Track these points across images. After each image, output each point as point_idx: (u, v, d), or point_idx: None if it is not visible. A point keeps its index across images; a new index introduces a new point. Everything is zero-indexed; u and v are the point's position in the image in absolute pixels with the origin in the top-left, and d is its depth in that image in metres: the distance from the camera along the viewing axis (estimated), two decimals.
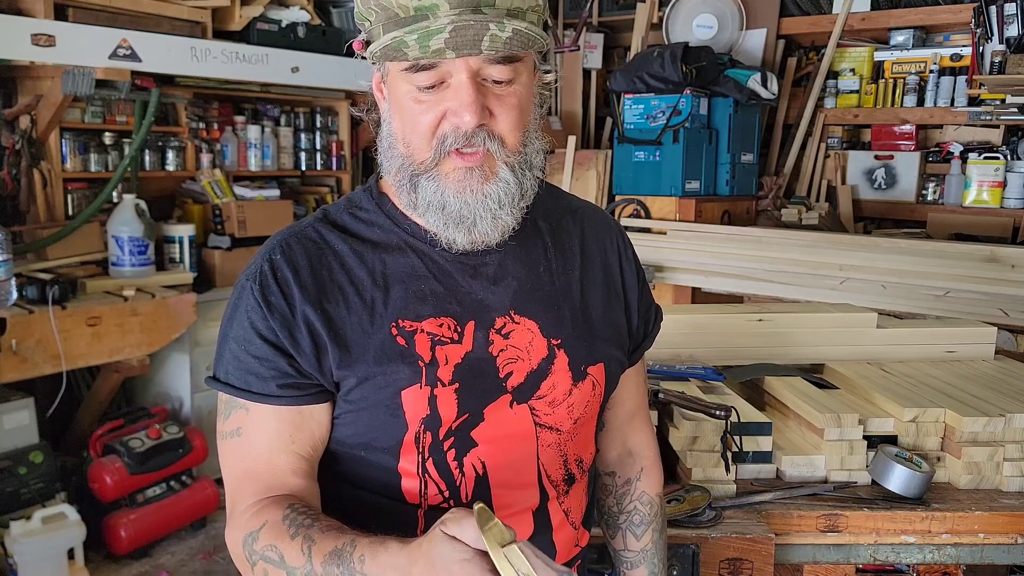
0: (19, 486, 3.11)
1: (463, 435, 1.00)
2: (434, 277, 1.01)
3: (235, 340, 0.99)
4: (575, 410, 1.05)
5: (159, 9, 3.50)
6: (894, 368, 1.95)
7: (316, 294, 0.98)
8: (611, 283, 1.13)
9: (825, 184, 4.74)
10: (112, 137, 3.81)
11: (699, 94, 4.20)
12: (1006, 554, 1.51)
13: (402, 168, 0.97)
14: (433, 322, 0.99)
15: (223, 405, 1.01)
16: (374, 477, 1.01)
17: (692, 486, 1.49)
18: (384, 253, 1.02)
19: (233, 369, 0.99)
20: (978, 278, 3.12)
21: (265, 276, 0.99)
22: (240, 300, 1.00)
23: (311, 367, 0.98)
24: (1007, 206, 4.18)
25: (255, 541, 0.94)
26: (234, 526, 0.99)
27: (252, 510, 0.97)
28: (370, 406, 0.98)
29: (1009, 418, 1.59)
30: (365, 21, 0.93)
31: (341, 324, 0.98)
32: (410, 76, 0.91)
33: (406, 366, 0.97)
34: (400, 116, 0.96)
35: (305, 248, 1.01)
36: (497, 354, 1.01)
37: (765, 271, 3.57)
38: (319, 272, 1.00)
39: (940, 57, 4.41)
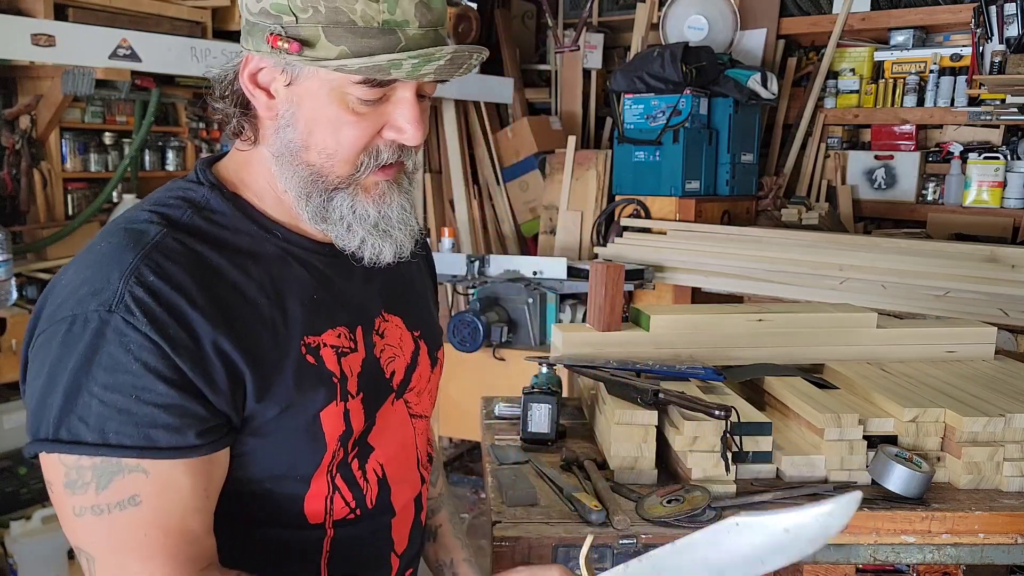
0: (19, 486, 3.11)
1: (364, 442, 0.98)
2: (319, 285, 0.95)
3: (110, 389, 0.79)
4: (432, 393, 1.10)
5: (159, 9, 3.50)
6: (894, 368, 1.95)
7: (219, 317, 0.84)
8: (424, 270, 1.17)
9: (825, 184, 4.74)
10: (112, 137, 3.81)
11: (699, 94, 4.21)
12: (1006, 554, 1.51)
13: (313, 180, 0.89)
14: (331, 334, 0.94)
15: (88, 473, 0.80)
16: (277, 507, 0.93)
17: (692, 486, 1.49)
18: (266, 264, 0.91)
19: (119, 425, 0.79)
20: (978, 278, 3.12)
21: (145, 305, 0.80)
22: (103, 340, 0.79)
23: (226, 404, 0.85)
24: (1007, 206, 4.18)
25: None
26: None
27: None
28: (289, 434, 0.90)
29: (1009, 418, 1.59)
30: (291, 15, 0.82)
31: (254, 349, 0.86)
32: (357, 88, 0.85)
33: (323, 386, 0.91)
34: (321, 126, 0.87)
35: (179, 264, 0.84)
36: (379, 355, 0.99)
37: (765, 271, 3.57)
38: (211, 291, 0.85)
39: (940, 57, 4.41)
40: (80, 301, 0.81)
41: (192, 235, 0.88)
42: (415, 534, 1.09)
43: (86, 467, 0.80)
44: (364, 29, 0.81)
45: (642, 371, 1.78)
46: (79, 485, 0.80)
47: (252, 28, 0.86)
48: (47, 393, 0.81)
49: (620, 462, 1.59)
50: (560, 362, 1.85)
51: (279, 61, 0.86)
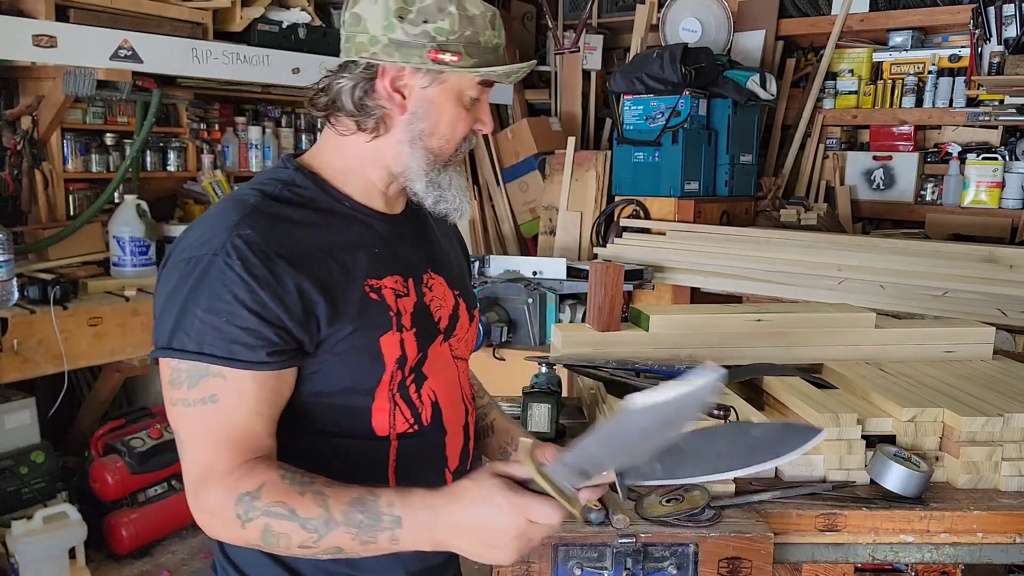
0: (20, 486, 3.12)
1: (419, 371, 1.19)
2: (379, 242, 1.19)
3: (210, 313, 1.03)
4: (470, 343, 1.34)
5: (160, 10, 3.50)
6: (893, 368, 1.96)
7: (299, 261, 1.07)
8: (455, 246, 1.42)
9: (824, 185, 4.75)
10: (113, 138, 3.82)
11: (698, 95, 4.21)
12: (1004, 553, 1.52)
13: (431, 160, 1.18)
14: (389, 279, 1.17)
15: (181, 374, 1.04)
16: (347, 420, 1.15)
17: (691, 485, 1.50)
18: (338, 222, 1.16)
19: (213, 339, 1.02)
20: (976, 278, 3.13)
21: (241, 251, 1.04)
22: (207, 274, 1.04)
23: (299, 330, 1.07)
24: (1005, 206, 4.19)
25: (255, 499, 1.00)
26: (216, 487, 1.02)
27: (239, 472, 1.02)
28: (355, 354, 1.12)
29: (1007, 418, 1.59)
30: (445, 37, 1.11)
31: (328, 285, 1.09)
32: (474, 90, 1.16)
33: (382, 316, 1.14)
34: (445, 119, 1.16)
35: (271, 222, 1.09)
36: (429, 302, 1.22)
37: (764, 271, 3.58)
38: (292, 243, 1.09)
39: (938, 58, 4.42)
40: (196, 247, 1.06)
41: (281, 202, 1.13)
42: (465, 457, 1.28)
43: (183, 370, 1.04)
44: (485, 48, 1.14)
45: (642, 371, 1.78)
46: (177, 383, 1.05)
47: (402, 45, 1.11)
48: (165, 312, 1.06)
49: None
50: (560, 362, 1.85)
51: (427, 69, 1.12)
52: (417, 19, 1.10)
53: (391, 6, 1.10)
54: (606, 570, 1.39)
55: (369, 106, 1.15)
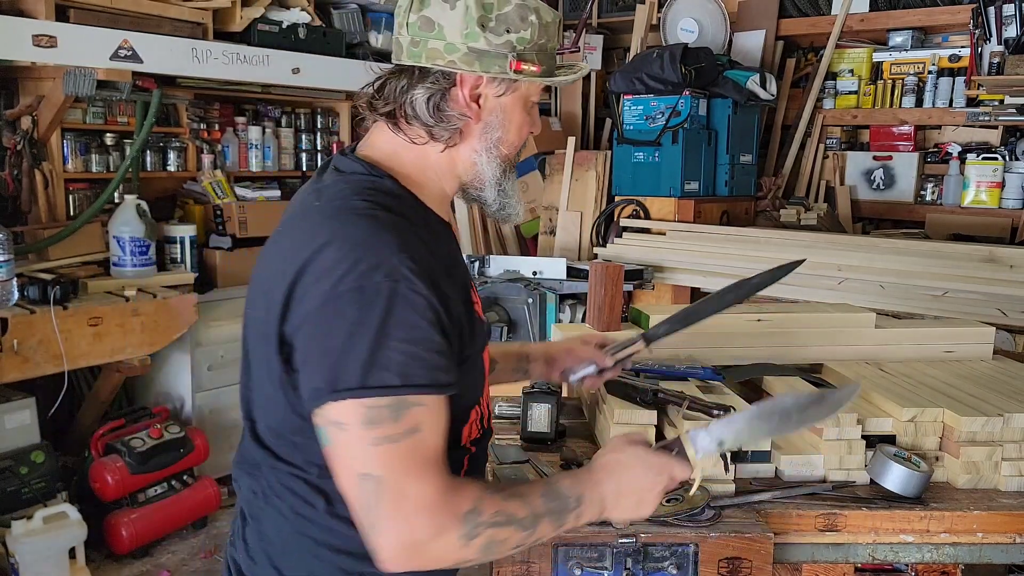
0: (20, 485, 3.12)
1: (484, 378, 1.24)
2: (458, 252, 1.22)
3: (408, 343, 0.99)
4: None
5: (160, 10, 3.50)
6: (893, 368, 1.96)
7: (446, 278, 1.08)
8: None
9: (824, 185, 4.75)
10: (113, 138, 3.82)
11: (698, 95, 4.21)
12: (1004, 553, 1.52)
13: (503, 167, 1.19)
14: (472, 293, 1.20)
15: (387, 411, 0.99)
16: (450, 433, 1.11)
17: (691, 485, 1.50)
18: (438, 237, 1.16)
19: (416, 369, 0.99)
20: (976, 278, 3.13)
21: (417, 272, 1.01)
22: (394, 303, 0.99)
23: (458, 343, 1.09)
24: (1005, 206, 4.19)
25: (478, 515, 1.02)
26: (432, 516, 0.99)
27: (449, 494, 1.01)
28: (473, 370, 1.16)
29: (1007, 418, 1.59)
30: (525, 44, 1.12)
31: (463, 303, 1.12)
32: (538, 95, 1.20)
33: (483, 332, 1.19)
34: (515, 125, 1.18)
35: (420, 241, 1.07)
36: (478, 311, 1.23)
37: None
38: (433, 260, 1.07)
39: (939, 58, 4.42)
40: (363, 275, 0.99)
41: (399, 216, 1.08)
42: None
43: (383, 406, 0.98)
44: (551, 55, 1.17)
45: (642, 371, 1.78)
46: (377, 421, 0.98)
47: (483, 54, 1.10)
48: (348, 350, 0.98)
49: None
50: None
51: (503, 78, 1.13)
52: (499, 28, 1.09)
53: (473, 14, 1.08)
54: (606, 570, 1.39)
55: (447, 116, 1.13)
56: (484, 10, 1.09)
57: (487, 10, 1.09)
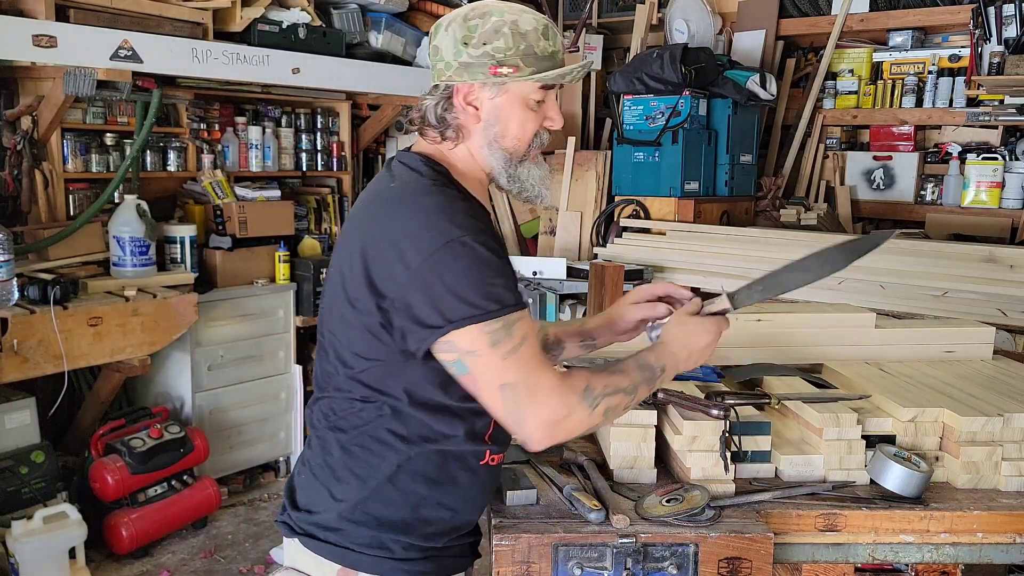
0: (20, 485, 3.11)
1: None
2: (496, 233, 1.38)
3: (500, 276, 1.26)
4: None
5: (160, 10, 3.50)
6: (893, 368, 1.96)
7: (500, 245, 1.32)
8: None
9: (824, 185, 4.76)
10: (113, 138, 3.82)
11: (698, 95, 4.22)
12: (1004, 553, 1.52)
13: (508, 158, 1.38)
14: None
15: (502, 330, 1.23)
16: None
17: (691, 485, 1.50)
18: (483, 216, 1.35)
19: (508, 294, 1.25)
20: (976, 278, 3.13)
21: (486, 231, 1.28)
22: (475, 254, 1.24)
23: None
24: (1005, 206, 4.19)
25: (592, 391, 1.29)
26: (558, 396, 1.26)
27: (563, 379, 1.27)
28: None
29: (1007, 418, 1.60)
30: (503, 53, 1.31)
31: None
32: (537, 93, 1.36)
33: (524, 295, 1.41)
34: (515, 122, 1.36)
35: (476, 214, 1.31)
36: None
37: (764, 271, 3.57)
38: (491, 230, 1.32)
39: (939, 58, 4.42)
40: (451, 233, 1.24)
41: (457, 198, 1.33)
42: None
43: (499, 327, 1.24)
44: (542, 56, 1.33)
45: None
46: (499, 339, 1.24)
47: (468, 67, 1.32)
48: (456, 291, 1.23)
49: (619, 462, 1.60)
50: (560, 362, 1.85)
51: (491, 83, 1.33)
52: (478, 43, 1.31)
53: (458, 35, 1.32)
54: (606, 570, 1.39)
55: (447, 119, 1.36)
56: (468, 31, 1.32)
57: (470, 30, 1.32)
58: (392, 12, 4.52)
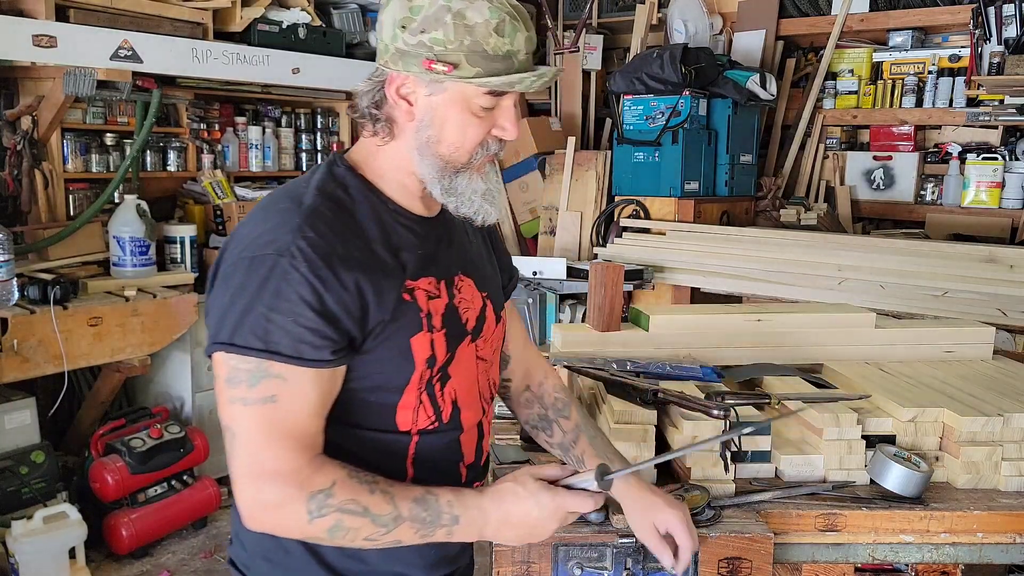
0: (20, 485, 3.11)
1: (444, 371, 1.23)
2: (419, 244, 1.22)
3: (274, 311, 1.06)
4: (495, 342, 1.36)
5: (160, 10, 3.50)
6: (893, 368, 1.96)
7: (356, 263, 1.12)
8: (488, 247, 1.43)
9: (824, 185, 4.75)
10: (113, 138, 3.82)
11: (698, 95, 4.21)
12: (1004, 553, 1.52)
13: (443, 166, 1.17)
14: (424, 281, 1.20)
15: (244, 373, 1.07)
16: (373, 414, 1.19)
17: (691, 485, 1.50)
18: (384, 225, 1.19)
19: (279, 338, 1.06)
20: (976, 278, 3.13)
21: (305, 253, 1.08)
22: (272, 275, 1.07)
23: (355, 327, 1.11)
24: (1005, 206, 4.19)
25: (329, 496, 1.07)
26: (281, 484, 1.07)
27: (308, 470, 1.08)
28: (388, 353, 1.16)
29: (1007, 418, 1.60)
30: (443, 46, 1.09)
31: (377, 286, 1.13)
32: (483, 99, 1.13)
33: (413, 317, 1.17)
34: (452, 126, 1.15)
35: (329, 225, 1.13)
36: (458, 304, 1.25)
37: (764, 271, 3.58)
38: (348, 244, 1.13)
39: (939, 58, 4.42)
40: (259, 247, 1.09)
41: (335, 203, 1.16)
42: (479, 452, 1.33)
43: (244, 369, 1.07)
44: (493, 56, 1.10)
45: (642, 371, 1.78)
46: (235, 381, 1.07)
47: (404, 55, 1.12)
48: (228, 309, 1.08)
49: None
50: (560, 362, 1.85)
51: (426, 78, 1.12)
52: (416, 29, 1.10)
53: (397, 16, 1.12)
54: (606, 570, 1.39)
55: (377, 112, 1.18)
56: (410, 12, 1.11)
57: (413, 12, 1.10)
58: None
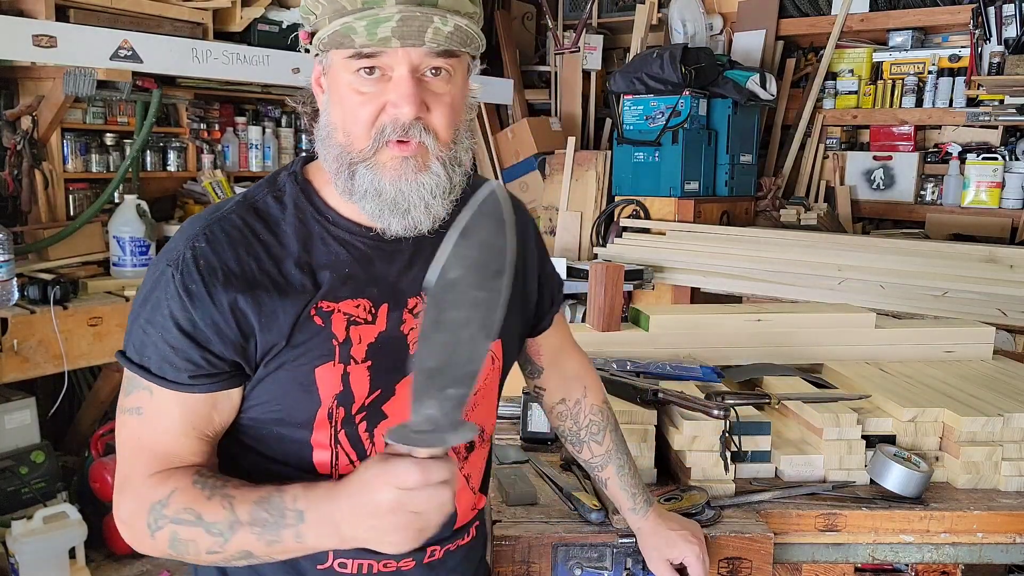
0: (20, 485, 3.11)
1: (375, 409, 1.04)
2: (354, 262, 1.04)
3: (150, 324, 0.98)
4: (486, 393, 1.13)
5: (160, 10, 3.50)
6: (893, 368, 1.96)
7: (243, 280, 0.98)
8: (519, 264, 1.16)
9: (824, 185, 4.75)
10: (113, 138, 3.82)
11: (698, 95, 4.21)
12: (1004, 553, 1.52)
13: (340, 157, 1.00)
14: (350, 303, 1.03)
15: (127, 380, 1.02)
16: (287, 450, 1.04)
17: (689, 486, 1.50)
18: (306, 240, 1.04)
19: (150, 353, 0.99)
20: (976, 278, 3.13)
21: (187, 264, 0.97)
22: (158, 285, 0.99)
23: (234, 353, 0.99)
24: (1005, 206, 4.19)
25: (164, 507, 0.96)
26: (130, 497, 0.99)
27: (153, 480, 0.98)
28: (285, 384, 1.01)
29: (1007, 418, 1.59)
30: (311, 15, 0.97)
31: (267, 308, 0.99)
32: (352, 64, 0.95)
33: (321, 345, 1.01)
34: (340, 107, 0.99)
35: (229, 235, 1.01)
36: (408, 332, 1.05)
37: (764, 271, 3.58)
38: (244, 259, 1.00)
39: (938, 58, 4.42)
40: (163, 254, 1.01)
41: (256, 212, 1.04)
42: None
43: (127, 377, 1.02)
44: (350, 11, 0.92)
45: (642, 371, 1.78)
46: (123, 389, 1.03)
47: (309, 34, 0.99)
48: (130, 315, 1.03)
49: None
50: None
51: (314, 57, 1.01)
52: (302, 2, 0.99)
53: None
54: (606, 570, 1.39)
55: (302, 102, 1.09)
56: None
57: None
58: None
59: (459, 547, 1.16)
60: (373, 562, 1.07)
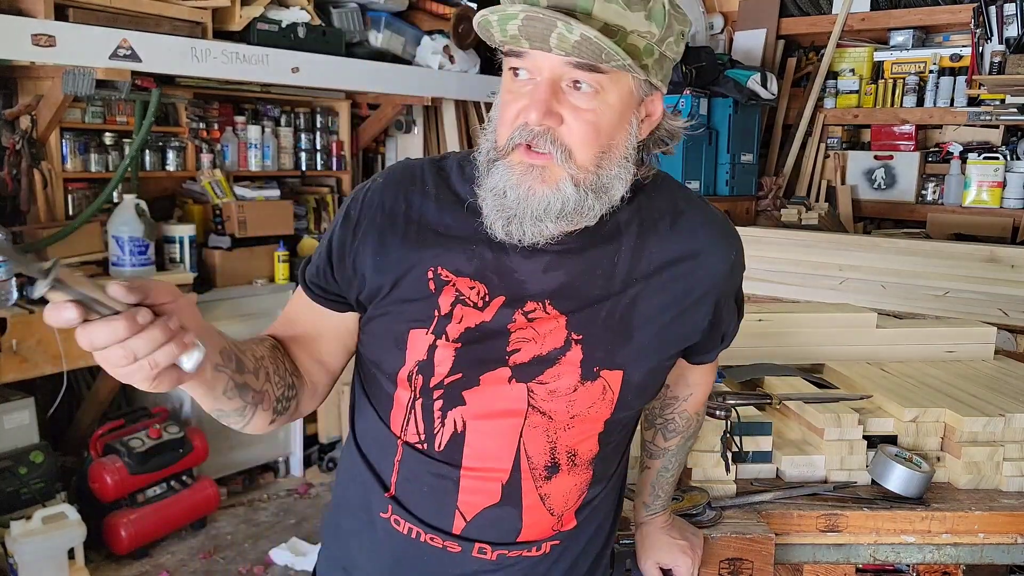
0: (19, 486, 3.11)
1: (454, 391, 1.04)
2: (489, 246, 1.03)
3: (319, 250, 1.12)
4: (575, 406, 1.06)
5: (159, 9, 3.50)
6: (894, 368, 1.95)
7: (387, 218, 1.06)
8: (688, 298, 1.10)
9: (825, 184, 4.75)
10: (112, 137, 3.81)
11: (699, 94, 4.21)
12: (1006, 554, 1.52)
13: (487, 150, 1.02)
14: (467, 282, 1.03)
15: None
16: (379, 395, 1.11)
17: (690, 486, 1.49)
18: (461, 210, 1.05)
19: (311, 269, 1.12)
20: (978, 278, 3.12)
21: (361, 192, 1.09)
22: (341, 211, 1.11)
23: (344, 285, 1.08)
24: (1006, 206, 4.19)
25: None
26: None
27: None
28: (385, 331, 1.06)
29: (1009, 418, 1.59)
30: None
31: (390, 251, 1.05)
32: (507, 62, 0.98)
33: (423, 310, 1.04)
34: (498, 103, 1.02)
35: (402, 177, 1.09)
36: (511, 329, 1.03)
37: (764, 271, 3.57)
38: (398, 200, 1.07)
39: (940, 57, 4.42)
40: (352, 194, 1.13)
41: (436, 167, 1.10)
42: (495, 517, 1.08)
43: None
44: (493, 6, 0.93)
45: None
46: None
47: None
48: None
49: None
50: None
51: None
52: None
53: None
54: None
55: None
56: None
57: None
58: (392, 11, 4.51)
59: (521, 557, 1.11)
60: (421, 531, 1.09)
